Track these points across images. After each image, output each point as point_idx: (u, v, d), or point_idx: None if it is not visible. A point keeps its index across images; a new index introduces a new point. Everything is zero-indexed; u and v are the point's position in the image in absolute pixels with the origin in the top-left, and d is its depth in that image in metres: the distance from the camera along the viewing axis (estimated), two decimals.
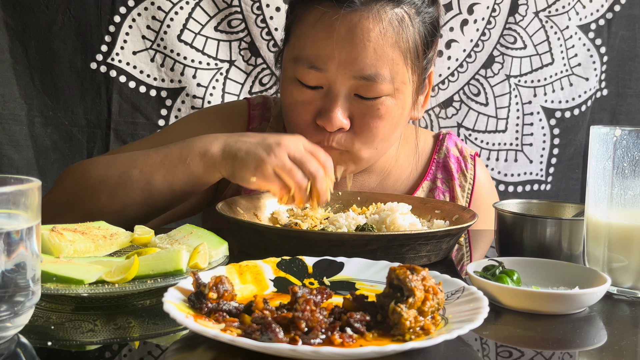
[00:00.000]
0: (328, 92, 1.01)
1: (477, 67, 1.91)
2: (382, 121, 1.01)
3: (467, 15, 1.88)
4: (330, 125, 1.00)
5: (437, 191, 1.20)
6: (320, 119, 1.01)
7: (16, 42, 1.72)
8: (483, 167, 1.29)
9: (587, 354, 0.63)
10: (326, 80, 1.00)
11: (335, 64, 0.98)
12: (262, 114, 1.22)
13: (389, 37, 0.98)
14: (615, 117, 1.99)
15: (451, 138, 1.26)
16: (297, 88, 1.02)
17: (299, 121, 1.04)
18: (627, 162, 0.76)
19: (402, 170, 1.21)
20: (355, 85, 0.99)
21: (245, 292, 0.69)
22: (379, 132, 1.02)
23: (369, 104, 1.00)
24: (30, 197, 0.58)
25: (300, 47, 1.01)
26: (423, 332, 0.58)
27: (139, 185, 0.98)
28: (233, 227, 0.94)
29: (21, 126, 1.74)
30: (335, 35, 0.97)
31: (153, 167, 0.98)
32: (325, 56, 0.98)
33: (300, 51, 1.01)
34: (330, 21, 0.97)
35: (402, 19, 0.99)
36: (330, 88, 1.00)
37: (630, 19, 1.95)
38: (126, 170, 0.99)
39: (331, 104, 0.99)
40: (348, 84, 0.99)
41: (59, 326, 0.64)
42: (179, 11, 1.76)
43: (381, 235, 0.83)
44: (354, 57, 0.97)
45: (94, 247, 0.82)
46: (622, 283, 0.77)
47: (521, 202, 0.98)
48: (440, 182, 1.21)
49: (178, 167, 0.96)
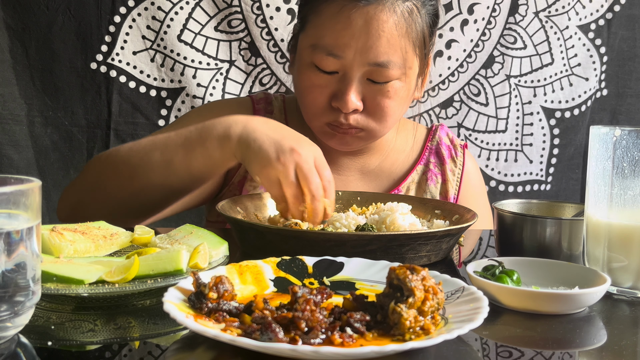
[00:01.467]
0: (343, 76, 1.09)
1: (477, 67, 1.91)
2: (392, 102, 1.11)
3: (467, 15, 1.88)
4: (346, 107, 1.08)
5: (430, 173, 1.30)
6: (335, 102, 1.10)
7: (16, 42, 1.72)
8: (472, 157, 1.38)
9: (587, 353, 0.63)
10: (342, 66, 1.08)
11: (352, 52, 1.06)
12: (265, 108, 1.28)
13: (400, 27, 1.07)
14: (615, 117, 1.99)
15: (443, 129, 1.36)
16: (314, 72, 1.11)
17: (315, 103, 1.12)
18: (626, 162, 0.76)
19: (398, 154, 1.31)
20: (369, 71, 1.08)
21: (245, 292, 0.69)
22: (389, 112, 1.12)
23: (380, 87, 1.10)
24: (31, 197, 0.58)
25: (319, 36, 1.09)
26: (423, 332, 0.58)
27: (159, 167, 1.01)
28: (233, 227, 0.94)
29: (21, 126, 1.74)
30: (353, 26, 1.05)
31: (172, 149, 1.01)
32: (344, 45, 1.06)
33: (318, 40, 1.09)
34: (348, 13, 1.06)
35: (412, 11, 1.09)
36: (345, 73, 1.09)
37: (630, 19, 1.95)
38: (147, 152, 1.02)
39: (346, 88, 1.08)
40: (362, 70, 1.08)
41: (59, 326, 0.64)
42: (179, 11, 1.76)
43: (381, 235, 0.83)
44: (370, 46, 1.06)
45: (94, 247, 0.82)
46: (622, 283, 0.77)
47: (521, 202, 0.98)
48: (433, 166, 1.31)
49: (196, 149, 0.99)
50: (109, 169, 1.06)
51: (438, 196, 1.28)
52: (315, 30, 1.10)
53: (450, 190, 1.29)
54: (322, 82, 1.10)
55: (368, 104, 1.11)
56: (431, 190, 1.28)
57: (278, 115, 1.27)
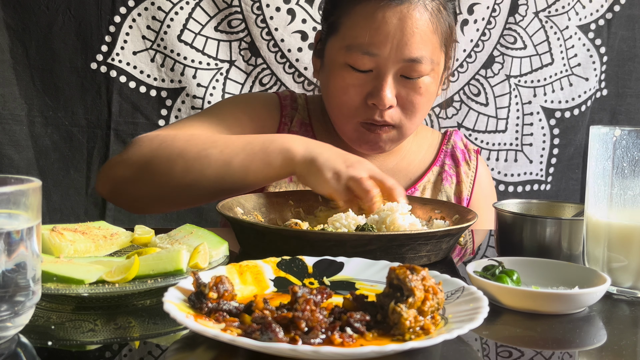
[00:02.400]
0: (378, 74, 1.14)
1: (477, 67, 1.91)
2: (422, 98, 1.17)
3: (467, 15, 1.88)
4: (383, 103, 1.13)
5: (445, 174, 1.34)
6: (371, 99, 1.14)
7: (16, 42, 1.72)
8: (484, 164, 1.42)
9: (586, 353, 0.63)
10: (377, 64, 1.13)
11: (387, 49, 1.11)
12: (291, 104, 1.32)
13: (431, 24, 1.13)
14: (615, 117, 1.99)
15: (457, 134, 1.41)
16: (349, 73, 1.14)
17: (350, 102, 1.16)
18: (626, 162, 0.76)
19: (415, 155, 1.36)
20: (403, 67, 1.13)
21: (245, 292, 0.69)
22: (420, 108, 1.18)
23: (412, 83, 1.15)
24: (31, 197, 0.58)
25: (354, 36, 1.13)
26: (423, 331, 0.58)
27: (217, 164, 1.02)
28: (233, 227, 0.94)
29: (21, 126, 1.74)
30: (388, 24, 1.11)
31: (234, 150, 1.03)
32: (379, 42, 1.11)
33: (354, 39, 1.13)
34: (383, 12, 1.11)
35: (440, 9, 1.15)
36: (380, 71, 1.13)
37: (630, 19, 1.95)
38: (206, 147, 1.04)
39: (382, 84, 1.13)
40: (397, 67, 1.13)
41: (60, 326, 0.64)
42: (179, 11, 1.76)
43: (381, 235, 0.83)
44: (405, 43, 1.11)
45: (94, 247, 0.82)
46: (622, 283, 0.77)
47: (521, 202, 0.98)
48: (448, 167, 1.35)
49: (258, 155, 1.02)
50: (162, 155, 1.06)
51: (452, 196, 1.32)
52: (349, 31, 1.14)
53: (464, 191, 1.32)
54: (357, 82, 1.14)
55: (401, 100, 1.16)
56: (446, 190, 1.32)
57: (302, 112, 1.31)
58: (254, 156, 1.02)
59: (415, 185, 1.31)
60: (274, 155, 1.01)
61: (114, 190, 1.11)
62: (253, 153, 1.02)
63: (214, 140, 1.06)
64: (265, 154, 1.02)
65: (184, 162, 1.03)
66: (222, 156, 1.03)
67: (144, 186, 1.07)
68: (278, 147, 1.02)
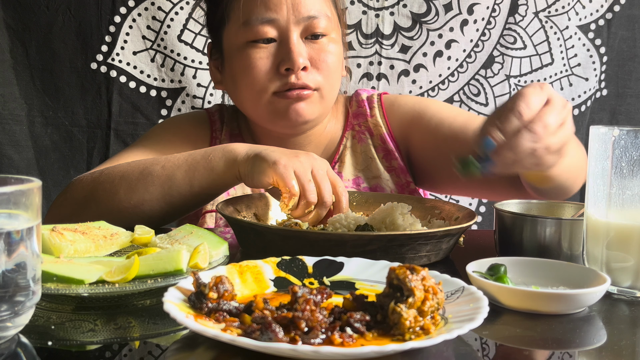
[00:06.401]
0: (282, 40, 1.14)
1: (477, 67, 1.91)
2: (332, 56, 1.17)
3: (467, 16, 1.88)
4: (297, 62, 1.12)
5: (357, 134, 1.31)
6: (284, 64, 1.13)
7: (16, 42, 1.72)
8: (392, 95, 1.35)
9: (586, 353, 0.63)
10: (279, 30, 1.14)
11: (284, 11, 1.13)
12: (220, 118, 1.31)
13: None
14: (614, 117, 1.99)
15: (359, 91, 1.36)
16: (252, 48, 1.15)
17: (261, 75, 1.14)
18: (625, 162, 0.76)
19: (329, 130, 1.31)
20: (304, 27, 1.15)
21: (245, 292, 0.69)
22: (333, 67, 1.18)
23: (318, 44, 1.16)
24: (31, 197, 0.58)
25: (248, 11, 1.14)
26: (423, 332, 0.58)
27: (160, 180, 1.01)
28: (233, 227, 0.94)
29: (21, 126, 1.74)
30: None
31: (175, 164, 1.02)
32: (275, 6, 1.13)
33: (249, 14, 1.14)
34: None
35: None
36: (283, 35, 1.14)
37: (630, 19, 1.95)
38: (148, 166, 1.03)
39: (289, 46, 1.13)
40: (299, 28, 1.14)
41: (60, 326, 0.64)
42: (179, 11, 1.76)
43: (381, 235, 0.83)
44: (299, 1, 1.14)
45: (94, 247, 0.82)
46: (622, 283, 0.77)
47: (521, 202, 0.98)
48: (359, 126, 1.32)
49: (200, 163, 1.01)
50: (106, 182, 1.04)
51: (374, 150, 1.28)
52: (242, 9, 1.15)
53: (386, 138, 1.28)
54: (264, 54, 1.14)
55: (313, 62, 1.15)
56: (365, 149, 1.29)
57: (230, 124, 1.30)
58: (196, 165, 1.00)
59: (335, 157, 1.28)
60: (216, 161, 1.00)
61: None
62: (195, 162, 1.01)
63: (155, 159, 1.05)
64: (207, 161, 1.00)
65: (127, 184, 1.02)
66: (164, 171, 1.01)
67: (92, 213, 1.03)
68: (220, 152, 1.00)
